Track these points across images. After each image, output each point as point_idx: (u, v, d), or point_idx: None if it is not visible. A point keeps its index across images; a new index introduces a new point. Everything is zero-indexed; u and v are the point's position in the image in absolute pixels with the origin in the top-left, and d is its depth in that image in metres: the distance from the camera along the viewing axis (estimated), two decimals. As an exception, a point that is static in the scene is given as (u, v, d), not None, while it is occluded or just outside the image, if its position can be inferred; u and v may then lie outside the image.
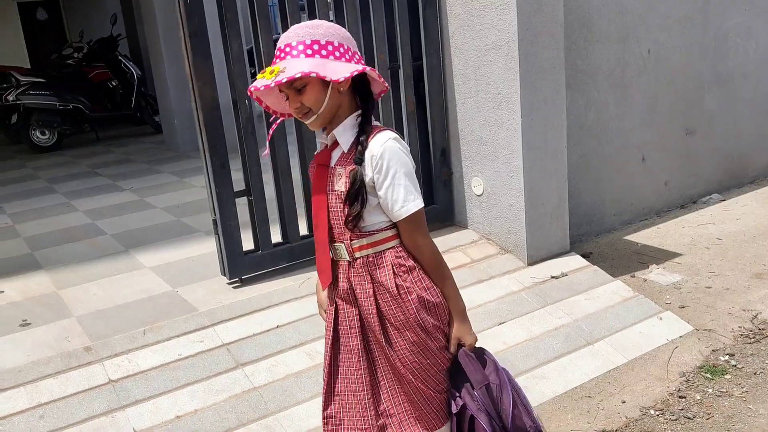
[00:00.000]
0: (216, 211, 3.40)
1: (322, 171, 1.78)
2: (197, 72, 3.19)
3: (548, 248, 3.83)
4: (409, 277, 1.76)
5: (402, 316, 1.76)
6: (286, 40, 1.68)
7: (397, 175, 1.71)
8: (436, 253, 1.80)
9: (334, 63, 1.65)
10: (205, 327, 3.10)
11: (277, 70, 1.62)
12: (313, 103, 1.70)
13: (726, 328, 3.32)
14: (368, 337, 1.82)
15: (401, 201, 1.72)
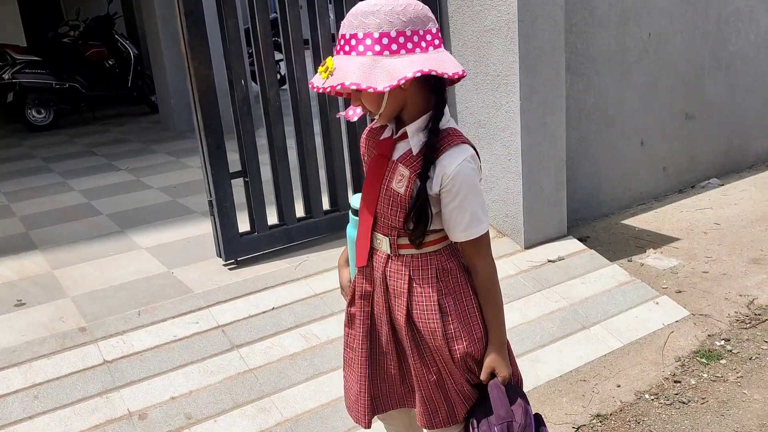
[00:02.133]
0: (212, 192, 3.38)
1: (381, 162, 1.64)
2: (193, 52, 3.16)
3: (545, 232, 3.81)
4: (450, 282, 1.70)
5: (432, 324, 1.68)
6: (342, 29, 1.53)
7: (466, 200, 1.58)
8: (491, 278, 1.69)
9: (388, 60, 1.47)
10: (200, 308, 3.10)
11: (330, 67, 1.50)
12: (371, 106, 1.57)
13: (722, 313, 3.32)
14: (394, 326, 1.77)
15: (464, 225, 1.60)
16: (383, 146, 1.65)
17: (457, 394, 1.76)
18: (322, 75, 1.51)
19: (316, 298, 3.20)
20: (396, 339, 1.77)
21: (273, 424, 2.56)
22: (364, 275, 1.76)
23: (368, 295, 1.76)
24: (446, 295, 1.69)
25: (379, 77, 1.45)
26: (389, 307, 1.73)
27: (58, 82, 8.28)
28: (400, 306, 1.70)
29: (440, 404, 1.77)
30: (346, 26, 1.52)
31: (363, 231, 1.72)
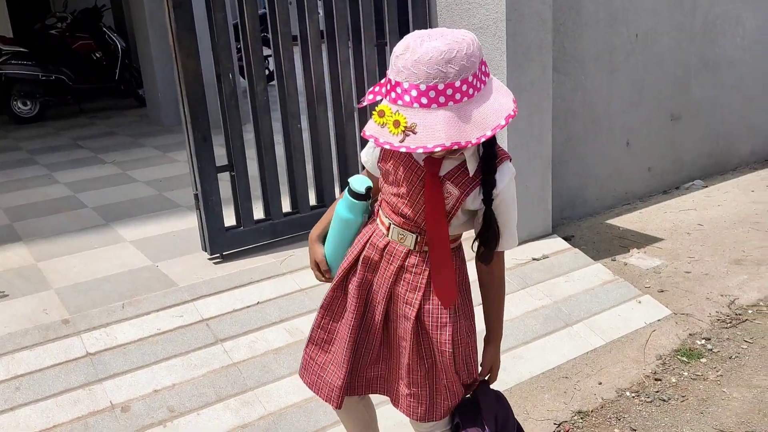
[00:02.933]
0: (198, 186, 3.37)
1: (437, 183, 1.61)
2: (180, 44, 3.15)
3: (531, 230, 3.84)
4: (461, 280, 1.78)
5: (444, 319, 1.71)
6: (410, 78, 1.40)
7: (509, 217, 1.69)
8: (503, 278, 1.83)
9: (470, 108, 1.42)
10: (184, 302, 3.09)
11: (403, 122, 1.39)
12: (448, 151, 1.53)
13: (703, 313, 3.35)
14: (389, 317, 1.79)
15: (503, 240, 1.71)
16: (433, 168, 1.61)
17: (446, 389, 1.78)
18: (391, 129, 1.41)
19: (301, 293, 3.20)
20: (385, 325, 1.79)
21: (256, 417, 2.57)
22: (366, 266, 1.76)
23: (368, 283, 1.77)
24: (459, 292, 1.73)
25: (467, 130, 1.41)
26: (392, 296, 1.74)
27: (44, 74, 8.21)
28: (414, 299, 1.70)
29: (424, 397, 1.79)
30: (421, 76, 1.39)
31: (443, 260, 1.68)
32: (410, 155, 1.63)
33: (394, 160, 1.68)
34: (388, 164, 1.71)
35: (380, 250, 1.74)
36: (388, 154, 1.70)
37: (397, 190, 1.69)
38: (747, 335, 3.15)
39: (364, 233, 1.81)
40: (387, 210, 1.74)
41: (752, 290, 3.55)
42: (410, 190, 1.66)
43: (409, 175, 1.65)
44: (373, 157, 1.79)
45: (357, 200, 1.78)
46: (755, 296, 3.49)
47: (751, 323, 3.25)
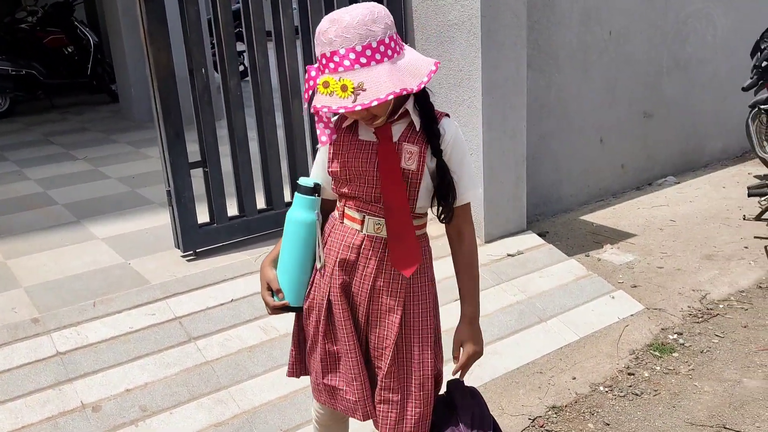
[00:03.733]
0: (170, 182, 3.33)
1: (391, 145, 1.65)
2: (152, 37, 3.10)
3: (505, 227, 3.85)
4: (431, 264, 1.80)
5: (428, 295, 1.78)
6: (344, 43, 1.51)
7: (465, 161, 1.71)
8: (475, 245, 1.82)
9: (401, 61, 1.55)
10: (157, 300, 3.05)
11: (350, 84, 1.48)
12: (381, 111, 1.60)
13: (675, 308, 3.39)
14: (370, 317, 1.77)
15: (465, 186, 1.71)
16: (385, 132, 1.66)
17: (419, 389, 1.75)
18: (340, 94, 1.49)
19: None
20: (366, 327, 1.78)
21: (230, 416, 2.54)
22: (344, 268, 1.74)
23: (348, 287, 1.76)
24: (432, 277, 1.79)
25: (406, 79, 1.51)
26: (372, 294, 1.73)
27: (14, 69, 8.06)
28: (399, 290, 1.72)
29: (395, 403, 1.76)
30: (352, 39, 1.50)
31: (407, 229, 1.69)
32: (357, 138, 1.69)
33: (342, 153, 1.71)
34: (336, 163, 1.72)
35: (356, 248, 1.73)
36: (335, 154, 1.72)
37: (357, 180, 1.70)
38: (718, 329, 3.19)
39: (332, 242, 1.77)
40: (355, 206, 1.73)
41: (723, 285, 3.60)
42: (368, 169, 1.68)
43: (362, 156, 1.68)
44: (322, 170, 1.78)
45: (307, 195, 1.74)
46: (726, 291, 3.54)
47: (722, 318, 3.30)
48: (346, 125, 1.73)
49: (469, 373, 2.58)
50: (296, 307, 1.81)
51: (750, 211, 4.49)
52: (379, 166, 1.66)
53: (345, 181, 1.72)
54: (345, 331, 1.76)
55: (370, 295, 1.73)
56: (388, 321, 1.74)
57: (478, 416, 1.86)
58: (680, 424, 2.56)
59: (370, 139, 1.68)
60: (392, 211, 1.68)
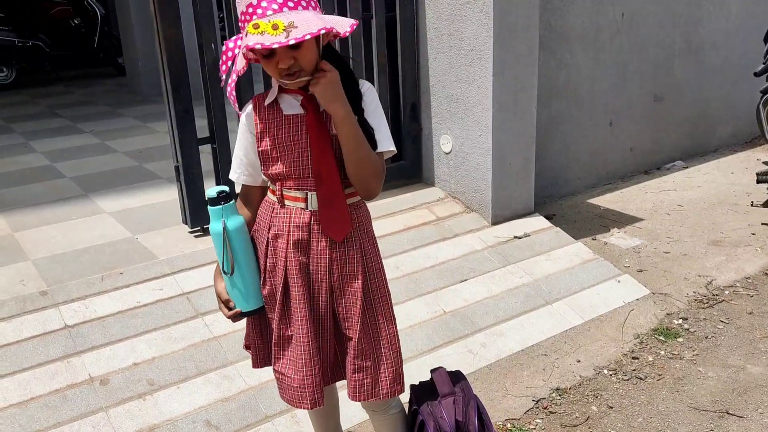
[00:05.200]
0: (178, 158, 3.32)
1: (319, 114, 1.69)
2: (162, 11, 3.08)
3: (513, 208, 3.84)
4: None
5: (377, 256, 1.85)
6: None
7: (380, 112, 1.75)
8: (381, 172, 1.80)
9: (325, 17, 1.60)
10: (164, 275, 3.06)
11: (281, 24, 1.51)
12: (307, 63, 1.61)
13: (681, 293, 3.40)
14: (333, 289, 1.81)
15: (384, 134, 1.74)
16: (312, 101, 1.68)
17: (388, 347, 1.82)
18: (271, 32, 1.50)
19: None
20: (331, 301, 1.81)
21: (237, 391, 2.56)
22: (299, 249, 1.76)
23: (305, 267, 1.78)
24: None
25: (332, 23, 1.57)
26: (332, 267, 1.77)
27: (20, 40, 8.04)
28: (355, 257, 1.78)
29: (369, 370, 1.82)
30: None
31: (337, 199, 1.73)
32: (282, 114, 1.71)
33: (270, 131, 1.72)
34: (266, 141, 1.73)
35: (306, 226, 1.75)
36: (263, 133, 1.73)
37: (289, 155, 1.71)
38: (723, 316, 3.20)
39: (279, 226, 1.77)
40: (294, 186, 1.74)
41: (729, 271, 3.59)
42: (299, 142, 1.70)
43: (291, 130, 1.70)
44: (247, 156, 1.79)
45: (213, 206, 1.72)
46: (732, 277, 3.54)
47: (727, 304, 3.30)
48: (267, 103, 1.73)
49: (474, 353, 2.64)
50: (253, 310, 1.81)
51: (758, 197, 4.47)
52: (310, 137, 1.69)
53: (277, 158, 1.72)
54: (299, 314, 1.78)
55: (329, 268, 1.77)
56: (351, 289, 1.79)
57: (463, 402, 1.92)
58: (683, 408, 2.58)
59: (296, 112, 1.70)
60: (322, 180, 1.71)
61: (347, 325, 1.82)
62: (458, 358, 2.82)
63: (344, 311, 1.82)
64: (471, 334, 2.96)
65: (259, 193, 1.87)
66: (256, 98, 1.78)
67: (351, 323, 1.81)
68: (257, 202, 1.87)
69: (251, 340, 1.94)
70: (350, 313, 1.81)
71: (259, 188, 1.87)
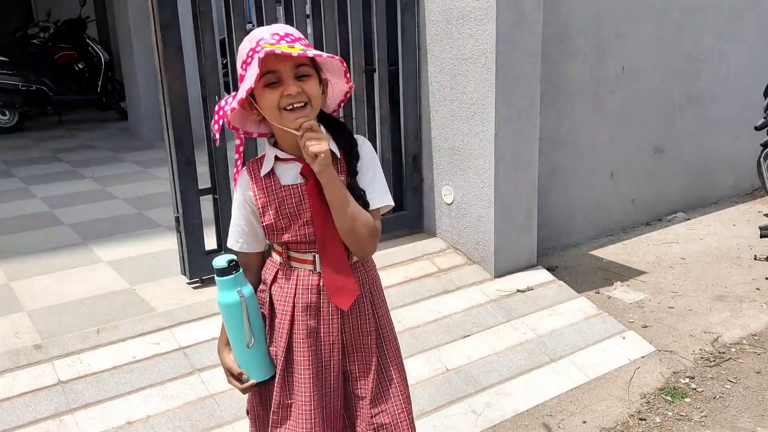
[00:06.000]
0: (179, 209, 3.30)
1: (318, 183, 1.63)
2: (167, 65, 3.09)
3: (515, 261, 3.81)
4: None
5: (385, 304, 1.85)
6: (282, 30, 1.60)
7: (378, 170, 1.73)
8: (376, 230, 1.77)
9: None
10: (161, 328, 3.01)
11: (297, 47, 1.53)
12: (312, 95, 1.60)
13: (687, 350, 3.34)
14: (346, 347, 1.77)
15: (382, 191, 1.72)
16: (309, 170, 1.63)
17: (406, 401, 1.81)
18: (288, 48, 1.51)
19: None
20: (343, 361, 1.77)
21: (233, 452, 2.49)
22: (308, 312, 1.71)
23: (314, 331, 1.73)
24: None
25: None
26: (343, 328, 1.74)
27: (24, 84, 8.10)
28: (367, 313, 1.76)
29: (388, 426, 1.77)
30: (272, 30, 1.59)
31: (340, 261, 1.70)
32: (281, 185, 1.68)
33: (272, 203, 1.68)
34: (269, 215, 1.69)
35: (316, 288, 1.71)
36: (265, 206, 1.69)
37: (294, 225, 1.68)
38: (731, 375, 3.14)
39: (285, 288, 1.73)
40: (302, 249, 1.71)
41: (735, 327, 3.54)
42: (304, 211, 1.68)
43: (294, 200, 1.67)
44: (249, 225, 1.75)
45: (223, 276, 1.66)
46: (738, 334, 3.49)
47: (734, 362, 3.24)
48: (264, 173, 1.69)
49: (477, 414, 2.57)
50: (267, 379, 1.76)
51: (761, 251, 4.44)
52: (311, 205, 1.65)
53: (283, 229, 1.69)
54: (302, 380, 1.72)
55: (341, 328, 1.73)
56: (365, 346, 1.76)
57: None
58: (694, 474, 2.50)
59: (294, 182, 1.67)
60: (327, 247, 1.68)
61: (360, 385, 1.77)
62: (462, 418, 2.75)
63: (357, 369, 1.77)
64: (475, 393, 2.89)
65: (260, 258, 1.84)
66: (250, 166, 1.73)
67: (365, 382, 1.76)
68: (258, 268, 1.83)
69: (252, 405, 1.87)
70: (364, 371, 1.76)
71: (260, 254, 1.83)
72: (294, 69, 1.57)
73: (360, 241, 1.67)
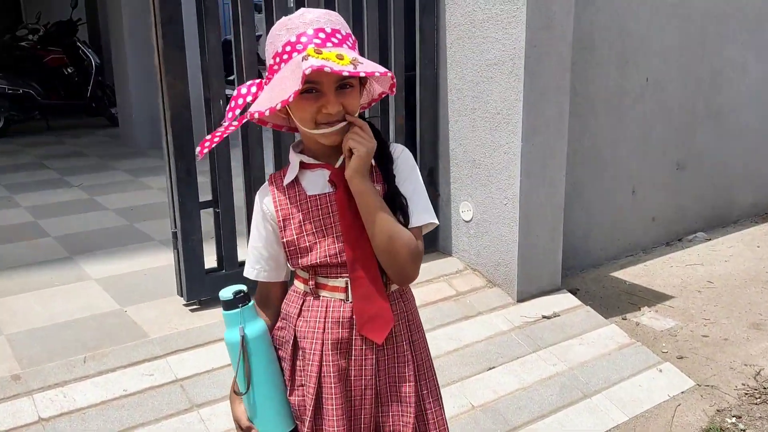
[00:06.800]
0: (177, 223, 3.00)
1: (346, 195, 1.43)
2: (168, 65, 2.80)
3: (539, 284, 3.53)
4: None
5: (425, 345, 1.60)
6: (329, 24, 1.37)
7: (419, 179, 1.51)
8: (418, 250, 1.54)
9: None
10: (156, 357, 2.70)
11: (346, 57, 1.30)
12: (353, 111, 1.40)
13: (729, 385, 3.07)
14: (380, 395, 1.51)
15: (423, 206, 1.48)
16: (340, 178, 1.42)
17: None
18: (336, 61, 1.29)
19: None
20: (377, 412, 1.51)
21: (237, 504, 2.18)
22: (338, 350, 1.45)
23: (344, 373, 1.47)
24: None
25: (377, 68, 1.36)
26: (377, 369, 1.48)
27: (11, 87, 7.78)
28: (406, 355, 1.51)
29: None
30: (335, 22, 1.39)
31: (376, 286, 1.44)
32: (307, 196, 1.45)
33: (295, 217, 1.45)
34: (291, 230, 1.45)
35: (348, 322, 1.45)
36: (286, 220, 1.46)
37: (322, 243, 1.44)
38: (781, 414, 2.87)
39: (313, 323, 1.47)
40: (332, 273, 1.45)
41: (777, 359, 3.28)
42: (332, 225, 1.44)
43: (321, 213, 1.45)
44: (268, 248, 1.51)
45: (228, 310, 1.44)
46: (781, 367, 3.23)
47: (782, 399, 2.98)
48: (287, 182, 1.47)
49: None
50: None
51: (793, 275, 4.20)
52: (340, 218, 1.42)
53: (307, 249, 1.44)
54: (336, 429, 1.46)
55: (375, 371, 1.47)
56: (402, 395, 1.49)
57: None
58: None
59: (322, 191, 1.46)
60: (358, 269, 1.42)
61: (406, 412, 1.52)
62: (492, 463, 2.46)
63: (391, 421, 1.50)
64: (505, 433, 2.61)
65: (280, 289, 1.58)
66: (272, 178, 1.51)
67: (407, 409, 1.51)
68: (279, 301, 1.56)
69: None
70: (402, 422, 1.50)
71: (281, 284, 1.57)
72: (337, 80, 1.37)
73: (399, 263, 1.42)
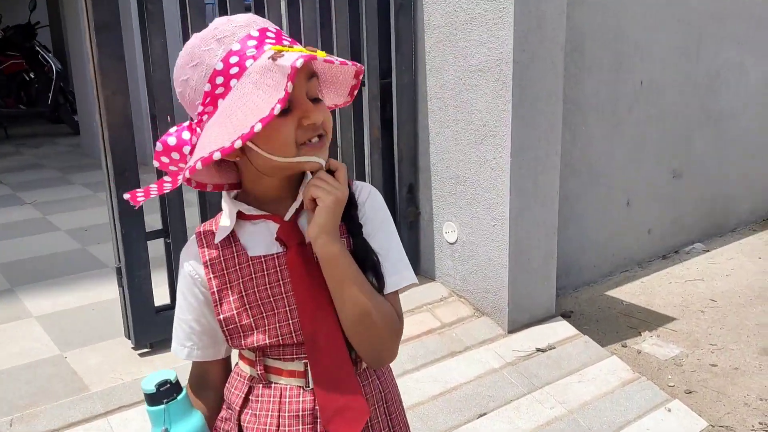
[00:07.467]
0: (120, 257, 2.63)
1: (306, 251, 1.11)
2: (104, 77, 2.42)
3: (531, 312, 3.20)
4: None
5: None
6: (269, 25, 1.10)
7: (393, 231, 1.21)
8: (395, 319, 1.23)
9: None
10: (96, 416, 2.33)
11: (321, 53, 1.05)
12: (330, 127, 1.13)
13: (746, 425, 2.76)
14: None
15: (405, 265, 1.18)
16: (291, 232, 1.11)
17: None
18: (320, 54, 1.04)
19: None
20: None
21: None
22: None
23: None
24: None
25: None
26: None
27: (-34, 95, 7.36)
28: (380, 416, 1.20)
29: None
30: (272, 24, 1.12)
31: (343, 367, 1.12)
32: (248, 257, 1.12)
33: (234, 286, 1.12)
34: (229, 305, 1.13)
35: (310, 416, 1.13)
36: (222, 291, 1.13)
37: (271, 319, 1.11)
38: (806, 460, 2.57)
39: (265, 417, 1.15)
40: (286, 355, 1.13)
41: (794, 392, 2.98)
42: (285, 296, 1.11)
43: (268, 280, 1.12)
44: (200, 322, 1.20)
45: (152, 406, 1.15)
46: (799, 401, 2.93)
47: (805, 441, 2.68)
48: (220, 239, 1.13)
49: None
50: None
51: (800, 292, 3.91)
52: (294, 286, 1.09)
53: (251, 327, 1.11)
54: None
55: None
56: None
57: None
58: None
59: (268, 251, 1.13)
60: (319, 347, 1.09)
61: None
62: None
63: None
64: (500, 498, 2.28)
65: (221, 368, 1.25)
66: (200, 234, 1.17)
67: None
68: (220, 382, 1.24)
69: None
70: None
71: (221, 362, 1.24)
72: (306, 84, 1.08)
73: (374, 342, 1.11)
